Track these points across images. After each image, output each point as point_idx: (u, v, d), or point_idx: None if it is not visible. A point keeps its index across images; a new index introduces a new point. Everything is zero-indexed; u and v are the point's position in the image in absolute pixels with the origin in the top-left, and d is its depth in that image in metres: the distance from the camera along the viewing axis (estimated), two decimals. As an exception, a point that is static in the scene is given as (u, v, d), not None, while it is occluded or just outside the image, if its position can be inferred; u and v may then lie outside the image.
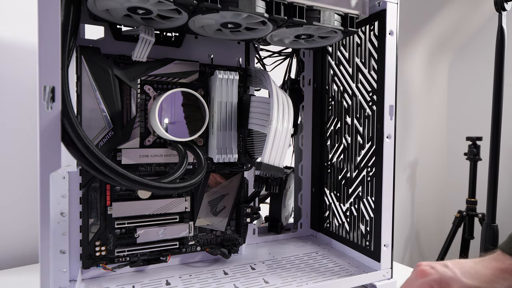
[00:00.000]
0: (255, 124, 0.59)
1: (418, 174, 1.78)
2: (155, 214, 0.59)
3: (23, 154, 0.79)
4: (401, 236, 1.74)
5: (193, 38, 0.63)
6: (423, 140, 1.80)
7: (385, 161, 0.60)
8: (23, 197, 0.79)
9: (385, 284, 0.60)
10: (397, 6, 0.59)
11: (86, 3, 0.48)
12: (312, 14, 0.54)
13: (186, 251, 0.63)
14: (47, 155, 0.38)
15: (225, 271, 0.61)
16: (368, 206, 0.64)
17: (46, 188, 0.38)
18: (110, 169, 0.42)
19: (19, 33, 0.78)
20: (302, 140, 0.80)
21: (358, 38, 0.66)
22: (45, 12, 0.38)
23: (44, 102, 0.38)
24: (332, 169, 0.75)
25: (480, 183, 1.47)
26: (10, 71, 0.78)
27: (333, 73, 0.73)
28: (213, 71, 0.61)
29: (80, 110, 0.53)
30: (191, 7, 0.48)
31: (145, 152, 0.58)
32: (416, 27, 1.67)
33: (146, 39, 0.52)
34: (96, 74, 0.53)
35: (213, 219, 0.64)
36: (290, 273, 0.61)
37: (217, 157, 0.59)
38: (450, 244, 1.55)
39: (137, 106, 0.57)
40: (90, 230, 0.56)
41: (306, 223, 0.82)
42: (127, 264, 0.58)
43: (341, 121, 0.71)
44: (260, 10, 0.50)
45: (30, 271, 0.72)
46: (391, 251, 0.61)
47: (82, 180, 0.55)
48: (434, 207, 1.88)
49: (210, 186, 0.64)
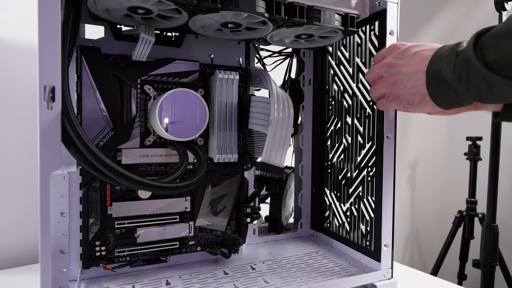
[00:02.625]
0: (255, 124, 0.59)
1: (418, 174, 1.78)
2: (155, 214, 0.59)
3: (23, 154, 0.79)
4: (401, 236, 1.74)
5: (193, 38, 0.63)
6: (423, 140, 1.80)
7: (385, 161, 0.60)
8: (23, 197, 0.79)
9: (386, 284, 0.60)
10: (397, 6, 0.59)
11: (86, 3, 0.48)
12: (313, 14, 0.54)
13: (186, 251, 0.63)
14: (47, 155, 0.38)
15: (225, 271, 0.61)
16: (368, 206, 0.64)
17: (46, 188, 0.38)
18: (110, 169, 0.42)
19: (19, 33, 0.78)
20: (302, 140, 0.80)
21: (358, 38, 0.66)
22: (45, 12, 0.38)
23: (44, 102, 0.38)
24: (332, 169, 0.75)
25: (480, 183, 1.47)
26: (10, 71, 0.77)
27: (333, 73, 0.73)
28: (213, 71, 0.61)
29: (80, 110, 0.53)
30: (191, 7, 0.47)
31: (145, 152, 0.58)
32: (416, 27, 1.67)
33: (146, 39, 0.52)
34: (96, 74, 0.53)
35: (213, 219, 0.64)
36: (290, 273, 0.61)
37: (217, 157, 0.59)
38: (450, 244, 1.55)
39: (137, 106, 0.57)
40: (90, 230, 0.56)
41: (306, 223, 0.82)
42: (127, 264, 0.58)
43: (341, 121, 0.71)
44: (261, 10, 0.50)
45: (30, 271, 0.72)
46: (391, 251, 0.61)
47: (82, 180, 0.55)
48: (434, 207, 1.88)
49: (210, 186, 0.64)
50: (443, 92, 0.42)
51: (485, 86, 0.38)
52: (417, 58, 0.45)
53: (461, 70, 0.40)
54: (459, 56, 0.40)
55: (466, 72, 0.39)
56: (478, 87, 0.39)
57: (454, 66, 0.40)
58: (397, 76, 0.47)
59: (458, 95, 0.41)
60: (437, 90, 0.43)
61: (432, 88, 0.43)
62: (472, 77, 0.39)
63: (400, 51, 0.48)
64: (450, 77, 0.41)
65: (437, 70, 0.42)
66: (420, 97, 0.45)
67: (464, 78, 0.39)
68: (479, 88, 0.39)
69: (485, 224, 1.14)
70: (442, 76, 0.42)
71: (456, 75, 0.40)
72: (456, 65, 0.40)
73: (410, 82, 0.46)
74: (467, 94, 0.41)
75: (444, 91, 0.42)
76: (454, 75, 0.40)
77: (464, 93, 0.41)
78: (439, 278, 0.73)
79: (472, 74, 0.39)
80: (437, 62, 0.43)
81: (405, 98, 0.47)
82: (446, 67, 0.41)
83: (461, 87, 0.40)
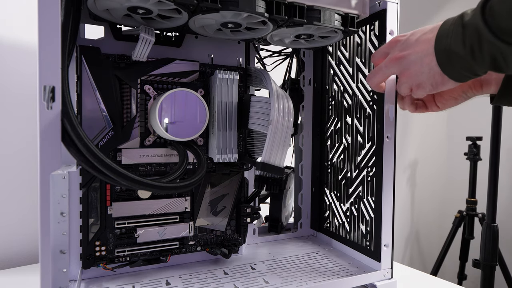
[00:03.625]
0: (255, 124, 0.59)
1: (418, 174, 1.78)
2: (155, 214, 0.59)
3: (23, 154, 0.79)
4: (401, 236, 1.74)
5: (193, 38, 0.63)
6: (423, 140, 1.80)
7: (385, 161, 0.60)
8: (23, 197, 0.79)
9: (385, 284, 0.60)
10: (397, 6, 0.59)
11: (86, 3, 0.48)
12: (313, 14, 0.54)
13: (186, 251, 0.63)
14: (47, 155, 0.38)
15: (225, 271, 0.61)
16: (368, 206, 0.64)
17: (46, 188, 0.38)
18: (110, 169, 0.42)
19: (19, 33, 0.78)
20: (302, 140, 0.80)
21: (358, 38, 0.66)
22: (45, 12, 0.38)
23: (44, 102, 0.38)
24: (332, 169, 0.75)
25: (480, 183, 1.47)
26: (10, 71, 0.77)
27: (333, 73, 0.73)
28: (213, 71, 0.61)
29: (80, 110, 0.53)
30: (191, 7, 0.47)
31: (145, 152, 0.58)
32: (416, 27, 1.67)
33: (146, 39, 0.52)
34: (96, 74, 0.53)
35: (213, 219, 0.64)
36: (290, 273, 0.61)
37: (217, 157, 0.59)
38: (450, 244, 1.55)
39: (137, 106, 0.57)
40: (90, 230, 0.56)
41: (306, 223, 0.82)
42: (127, 264, 0.58)
43: (341, 121, 0.71)
44: (261, 10, 0.50)
45: (30, 271, 0.72)
46: (391, 251, 0.61)
47: (82, 180, 0.55)
48: (434, 207, 1.88)
49: (210, 186, 0.64)
50: (458, 67, 0.42)
51: (500, 56, 0.37)
52: (422, 43, 0.45)
53: (472, 42, 0.38)
54: (467, 29, 0.39)
55: (478, 44, 0.38)
56: (493, 57, 0.38)
57: (463, 39, 0.39)
58: (410, 67, 0.47)
59: (473, 67, 0.41)
60: (450, 67, 0.42)
61: (445, 65, 0.43)
62: (485, 48, 0.38)
63: (402, 42, 0.48)
64: (462, 52, 0.40)
65: (446, 47, 0.41)
66: (440, 76, 0.45)
67: (477, 50, 0.38)
68: (494, 58, 0.38)
69: (485, 224, 1.14)
70: (453, 51, 0.41)
71: (468, 48, 0.39)
72: (466, 38, 0.39)
73: (424, 67, 0.45)
74: (483, 65, 0.40)
75: (458, 66, 0.42)
76: (465, 49, 0.39)
77: (479, 64, 0.40)
78: (439, 278, 0.73)
79: (484, 46, 0.37)
80: (444, 39, 0.42)
81: (427, 83, 0.47)
82: (455, 42, 0.40)
83: (476, 60, 0.39)
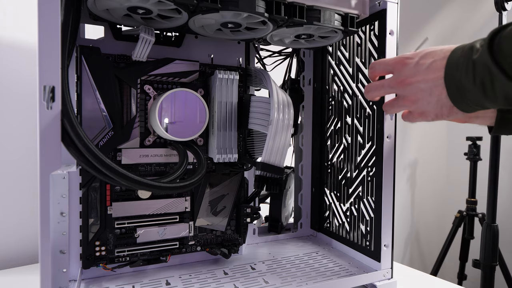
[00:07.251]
0: (255, 124, 0.59)
1: (418, 174, 1.78)
2: (155, 214, 0.59)
3: (23, 154, 0.79)
4: (401, 236, 1.74)
5: (193, 38, 0.63)
6: (423, 140, 1.80)
7: (385, 161, 0.60)
8: (23, 197, 0.79)
9: (385, 284, 0.60)
10: (397, 6, 0.59)
11: (86, 3, 0.48)
12: (312, 14, 0.54)
13: (186, 251, 0.63)
14: (47, 155, 0.38)
15: (225, 271, 0.61)
16: (368, 206, 0.64)
17: (46, 188, 0.38)
18: (110, 169, 0.42)
19: (19, 33, 0.78)
20: (302, 140, 0.80)
21: (358, 38, 0.65)
22: (45, 12, 0.38)
23: (44, 102, 0.38)
24: (332, 169, 0.75)
25: (480, 183, 1.47)
26: (10, 71, 0.77)
27: (333, 73, 0.73)
28: (213, 71, 0.61)
29: (80, 110, 0.53)
30: (191, 7, 0.47)
31: (145, 152, 0.58)
32: (416, 27, 1.67)
33: (146, 39, 0.52)
34: (96, 74, 0.53)
35: (213, 219, 0.64)
36: (290, 273, 0.61)
37: (217, 157, 0.59)
38: (450, 244, 1.55)
39: (137, 106, 0.57)
40: (90, 230, 0.56)
41: (306, 223, 0.82)
42: (127, 264, 0.58)
43: (341, 121, 0.71)
44: (260, 10, 0.50)
45: (30, 271, 0.72)
46: (391, 251, 0.61)
47: (82, 180, 0.55)
48: (434, 207, 1.88)
49: (210, 186, 0.64)
50: (468, 101, 0.41)
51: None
52: (432, 71, 0.44)
53: (483, 79, 0.38)
54: (477, 65, 0.38)
55: (490, 83, 0.37)
56: (506, 96, 0.37)
57: (473, 76, 0.39)
58: (418, 94, 0.46)
59: (485, 103, 0.40)
60: (461, 100, 0.42)
61: (456, 98, 0.42)
62: (497, 88, 0.37)
63: (411, 66, 0.46)
64: (472, 87, 0.39)
65: (457, 81, 0.41)
66: (448, 108, 0.44)
67: (489, 88, 0.38)
68: (507, 97, 0.37)
69: (485, 224, 1.14)
70: (463, 86, 0.40)
71: (479, 84, 0.38)
72: (476, 74, 0.38)
73: (433, 97, 0.44)
74: (495, 102, 0.39)
75: (469, 101, 0.41)
76: (475, 85, 0.39)
77: (491, 102, 0.39)
78: (439, 278, 0.73)
79: (496, 85, 0.37)
80: (453, 72, 0.41)
81: (431, 113, 0.46)
82: (465, 77, 0.40)
83: (488, 97, 0.39)
